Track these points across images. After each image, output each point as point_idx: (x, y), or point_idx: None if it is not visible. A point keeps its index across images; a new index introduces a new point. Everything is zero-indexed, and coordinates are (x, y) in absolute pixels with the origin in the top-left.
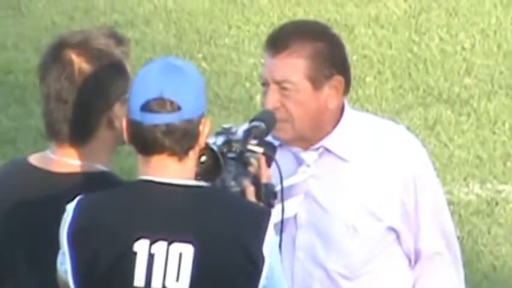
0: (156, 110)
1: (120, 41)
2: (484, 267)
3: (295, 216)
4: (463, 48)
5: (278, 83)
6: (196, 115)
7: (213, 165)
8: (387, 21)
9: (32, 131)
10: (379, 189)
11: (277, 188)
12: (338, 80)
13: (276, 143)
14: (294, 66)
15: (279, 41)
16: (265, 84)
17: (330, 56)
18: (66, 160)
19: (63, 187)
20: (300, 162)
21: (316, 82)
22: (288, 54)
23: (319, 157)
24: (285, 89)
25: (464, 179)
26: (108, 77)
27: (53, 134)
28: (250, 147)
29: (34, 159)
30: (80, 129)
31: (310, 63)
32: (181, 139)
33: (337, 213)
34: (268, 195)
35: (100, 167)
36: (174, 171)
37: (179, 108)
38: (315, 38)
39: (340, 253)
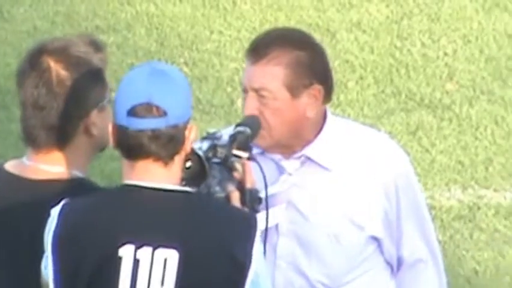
0: (143, 115)
1: (98, 48)
2: (466, 272)
3: (276, 225)
4: (445, 54)
5: (256, 90)
6: (182, 120)
7: (198, 170)
8: (369, 27)
9: (13, 135)
10: (361, 198)
11: (262, 194)
12: (317, 89)
13: (258, 150)
14: (272, 74)
15: (259, 48)
16: (244, 91)
17: (310, 65)
18: (42, 167)
19: (38, 194)
20: (281, 170)
21: (294, 90)
22: (267, 62)
23: (301, 166)
24: (262, 96)
25: (446, 184)
26: (86, 84)
27: (29, 141)
28: (235, 152)
29: (10, 166)
30: (56, 136)
31: (288, 71)
32: (167, 144)
33: (319, 222)
34: (252, 200)
35: (77, 173)
36: (160, 176)
37: (165, 113)
38: (295, 47)
39: (322, 262)
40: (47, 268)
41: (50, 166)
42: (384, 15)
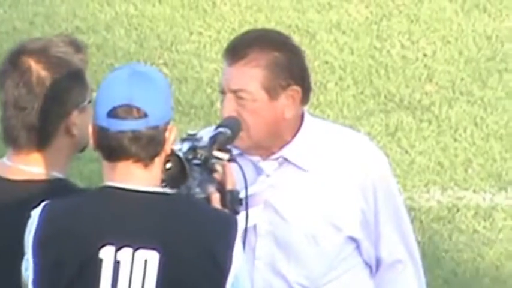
0: (123, 116)
1: (79, 48)
2: (445, 274)
3: (254, 226)
4: (424, 55)
5: (234, 91)
6: (163, 122)
7: (178, 171)
8: (348, 28)
9: None
10: (339, 198)
11: (242, 195)
12: (295, 90)
13: (237, 151)
14: (250, 76)
15: (237, 50)
16: (222, 92)
17: (288, 67)
18: (22, 167)
19: (19, 194)
20: (259, 171)
21: (272, 92)
22: (245, 64)
23: (279, 167)
24: (240, 98)
25: (426, 186)
26: (66, 84)
27: (10, 141)
28: (215, 153)
29: None
30: (37, 136)
31: (266, 73)
32: (147, 146)
33: (297, 223)
34: (233, 202)
35: (56, 174)
36: (140, 177)
37: (146, 115)
38: (273, 48)
39: (300, 263)
40: (28, 270)
41: (30, 167)
42: (363, 16)
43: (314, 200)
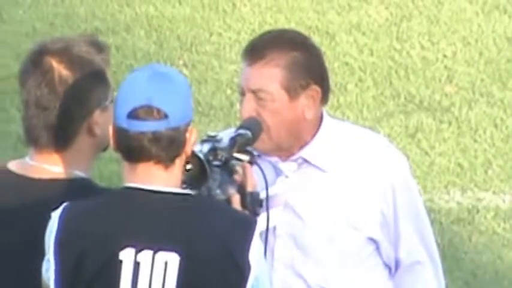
0: (143, 117)
1: (101, 48)
2: (464, 275)
3: (273, 227)
4: (445, 56)
5: (254, 92)
6: (183, 123)
7: (199, 173)
8: (368, 29)
9: (11, 137)
10: (358, 199)
11: (262, 196)
12: (315, 90)
13: (256, 152)
14: (270, 76)
15: (256, 50)
16: (241, 93)
17: (307, 66)
18: (45, 166)
19: (42, 193)
20: (278, 173)
21: (292, 92)
22: (265, 64)
23: (298, 168)
24: (260, 98)
25: (445, 187)
26: (88, 84)
27: (32, 140)
28: (235, 155)
29: (13, 165)
30: (59, 136)
31: (286, 73)
32: (167, 147)
33: (316, 224)
34: (253, 203)
35: (79, 173)
36: (160, 179)
37: (166, 116)
38: (292, 48)
39: (319, 264)
40: (48, 271)
41: (52, 166)
42: (383, 17)
43: (333, 201)
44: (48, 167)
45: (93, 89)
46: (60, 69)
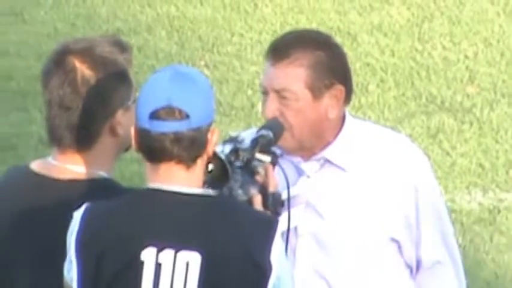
0: (165, 118)
1: (123, 48)
2: (486, 276)
3: (295, 227)
4: (466, 57)
5: (278, 91)
6: (205, 123)
7: (220, 173)
8: (390, 30)
9: (33, 137)
10: (380, 199)
11: (284, 197)
12: (339, 89)
13: (278, 152)
14: (294, 75)
15: (280, 49)
16: (264, 92)
17: (331, 66)
18: (68, 166)
19: (65, 193)
20: (300, 173)
21: (316, 91)
22: (289, 63)
23: (320, 168)
24: (284, 97)
25: (467, 187)
26: (111, 84)
27: (54, 141)
28: (257, 156)
29: (35, 165)
30: (82, 136)
31: (310, 72)
32: (189, 147)
33: (338, 224)
34: (275, 204)
35: (102, 173)
36: (182, 179)
37: (187, 116)
38: (316, 47)
39: (341, 264)
40: (70, 272)
41: (75, 166)
42: (405, 18)
43: (355, 201)
44: (71, 167)
45: (116, 89)
46: (82, 69)
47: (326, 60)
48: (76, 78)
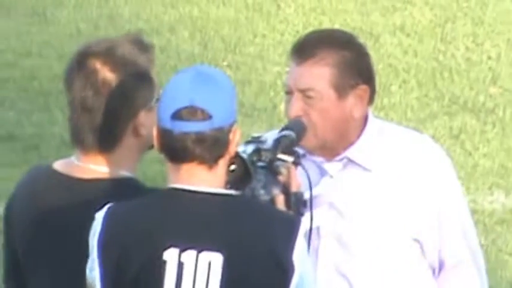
0: (187, 118)
1: (145, 48)
2: (508, 276)
3: (317, 228)
4: (489, 58)
5: (302, 91)
6: (227, 123)
7: (243, 174)
8: (413, 30)
9: (55, 137)
10: (403, 200)
11: (306, 197)
12: (363, 89)
13: (301, 152)
14: (319, 75)
15: (305, 49)
16: (288, 92)
17: (356, 65)
18: (91, 166)
19: (88, 193)
20: (323, 173)
21: (341, 91)
22: (314, 63)
23: (343, 168)
24: (309, 97)
25: (489, 188)
26: (133, 85)
27: (78, 142)
28: (280, 156)
29: (58, 165)
30: (105, 138)
31: (335, 71)
32: (211, 147)
33: (361, 224)
34: (297, 203)
35: (125, 173)
36: (204, 179)
37: (210, 116)
38: (340, 47)
39: (363, 264)
40: (93, 272)
41: (99, 166)
42: (427, 18)
43: (378, 201)
44: (94, 167)
45: (138, 89)
46: (104, 71)
47: (351, 59)
48: (97, 80)
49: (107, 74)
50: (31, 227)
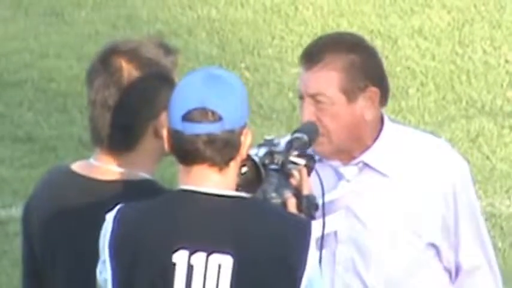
0: (198, 119)
1: (169, 51)
2: None
3: (335, 232)
4: (506, 61)
5: (312, 96)
6: (238, 125)
7: (254, 176)
8: (430, 33)
9: (73, 139)
10: (420, 204)
11: (319, 201)
12: (373, 91)
13: (316, 157)
14: (328, 79)
15: (312, 54)
16: (300, 97)
17: (364, 68)
18: (109, 167)
19: (106, 194)
20: (339, 177)
21: (350, 94)
22: (321, 68)
23: (359, 172)
24: (319, 102)
25: (506, 192)
26: (156, 86)
27: (97, 141)
28: (292, 158)
29: (76, 166)
30: (125, 137)
31: (343, 75)
32: (222, 149)
33: (377, 229)
34: (309, 207)
35: (144, 175)
36: (215, 181)
37: (221, 118)
38: (348, 50)
39: (380, 269)
40: (103, 273)
41: (118, 167)
42: (445, 22)
43: (395, 205)
44: (113, 168)
45: (160, 91)
46: (129, 70)
47: (359, 62)
48: (122, 78)
49: (132, 73)
50: (49, 227)
